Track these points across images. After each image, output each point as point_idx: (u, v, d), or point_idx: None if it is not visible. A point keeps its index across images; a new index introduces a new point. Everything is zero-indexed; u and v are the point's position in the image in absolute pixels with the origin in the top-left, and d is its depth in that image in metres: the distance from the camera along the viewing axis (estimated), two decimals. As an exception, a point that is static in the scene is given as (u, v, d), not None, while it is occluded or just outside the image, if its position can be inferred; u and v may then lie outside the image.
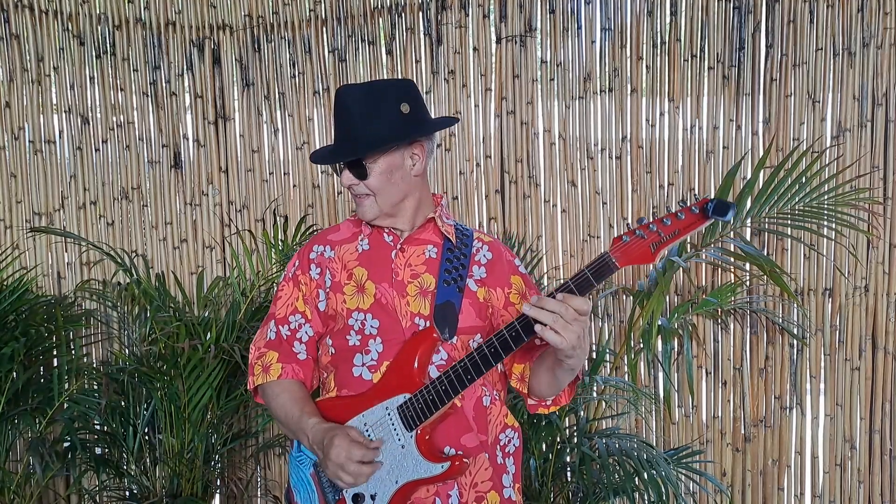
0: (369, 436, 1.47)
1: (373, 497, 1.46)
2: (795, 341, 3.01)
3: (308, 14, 3.25)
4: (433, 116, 1.63)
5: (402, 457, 1.44)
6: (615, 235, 1.70)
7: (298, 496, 1.59)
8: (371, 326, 1.53)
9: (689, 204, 1.24)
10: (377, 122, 1.50)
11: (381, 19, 3.22)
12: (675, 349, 3.00)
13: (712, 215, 1.20)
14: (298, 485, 1.59)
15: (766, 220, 2.58)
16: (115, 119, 3.25)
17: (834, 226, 2.78)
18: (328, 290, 1.59)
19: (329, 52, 3.25)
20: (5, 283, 2.93)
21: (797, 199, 2.52)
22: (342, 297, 1.56)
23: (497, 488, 1.55)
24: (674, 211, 1.26)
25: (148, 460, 2.90)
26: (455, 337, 1.50)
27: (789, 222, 2.56)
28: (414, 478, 1.44)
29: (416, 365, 1.45)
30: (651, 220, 1.27)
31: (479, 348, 1.38)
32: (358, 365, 1.53)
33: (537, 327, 1.29)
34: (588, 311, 1.29)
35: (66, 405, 2.83)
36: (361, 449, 1.39)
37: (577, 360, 1.35)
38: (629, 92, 3.08)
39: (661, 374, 3.05)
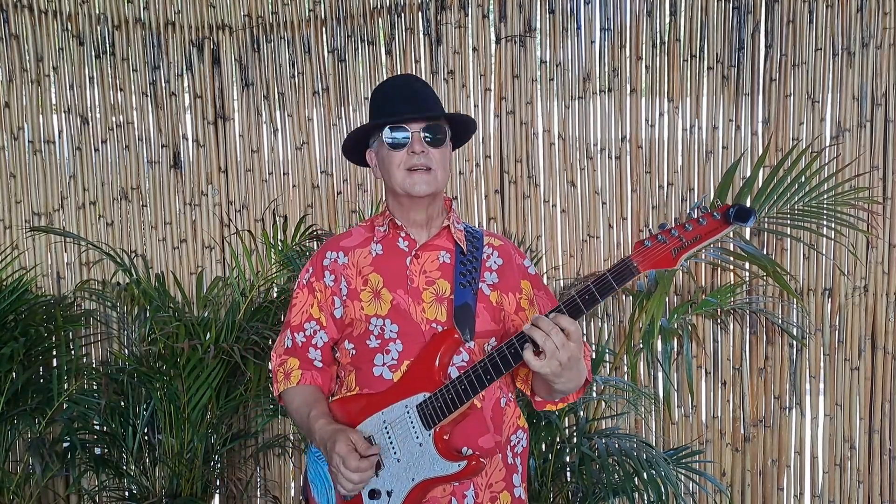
0: (388, 433, 1.48)
1: (389, 493, 1.48)
2: (795, 341, 3.01)
3: (307, 14, 3.25)
4: None
5: (419, 454, 1.46)
6: (637, 240, 1.72)
7: (315, 490, 1.61)
8: (390, 331, 1.54)
9: (710, 210, 1.26)
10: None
11: (380, 19, 3.22)
12: (675, 349, 2.99)
13: (734, 221, 1.22)
14: (316, 479, 1.61)
15: (766, 219, 2.57)
16: (114, 119, 3.25)
17: (833, 225, 2.78)
18: (345, 297, 1.59)
19: (328, 52, 3.25)
20: (5, 283, 2.92)
21: (796, 199, 2.51)
22: (359, 304, 1.57)
23: (509, 488, 1.57)
24: (695, 216, 1.27)
25: (147, 460, 2.90)
26: (472, 341, 1.52)
27: (789, 222, 2.56)
28: (430, 476, 1.46)
29: (437, 365, 1.47)
30: (673, 225, 1.29)
31: (500, 350, 1.40)
32: (379, 365, 1.54)
33: (525, 354, 1.33)
34: (575, 332, 1.32)
35: (65, 405, 2.83)
36: (355, 460, 1.40)
37: (563, 386, 1.38)
38: (628, 92, 3.09)
39: (660, 374, 3.05)
